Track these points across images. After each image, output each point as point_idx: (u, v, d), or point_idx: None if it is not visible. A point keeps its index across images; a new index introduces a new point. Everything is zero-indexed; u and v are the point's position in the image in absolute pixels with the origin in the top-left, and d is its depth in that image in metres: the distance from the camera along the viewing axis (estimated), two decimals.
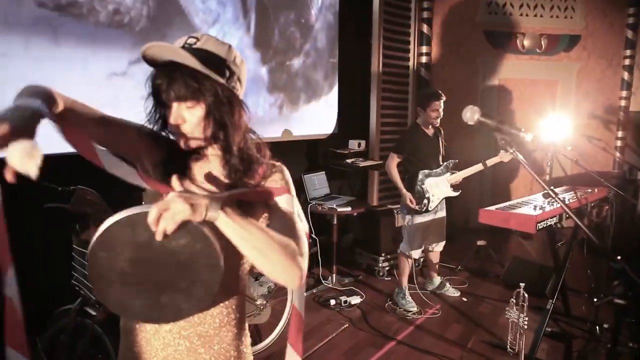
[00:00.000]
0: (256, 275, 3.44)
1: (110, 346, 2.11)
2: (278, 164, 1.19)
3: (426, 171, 3.53)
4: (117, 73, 2.90)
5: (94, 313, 2.12)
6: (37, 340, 2.20)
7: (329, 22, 4.69)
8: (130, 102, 3.01)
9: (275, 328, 3.01)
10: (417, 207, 3.51)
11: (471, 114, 1.43)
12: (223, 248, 0.91)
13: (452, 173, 3.58)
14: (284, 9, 4.19)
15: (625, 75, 5.67)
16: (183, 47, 1.01)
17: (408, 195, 3.52)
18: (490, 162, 3.51)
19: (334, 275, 4.04)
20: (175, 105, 1.01)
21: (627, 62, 5.66)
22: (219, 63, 1.03)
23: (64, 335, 2.16)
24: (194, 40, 1.04)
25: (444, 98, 3.50)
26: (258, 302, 2.83)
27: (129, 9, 2.90)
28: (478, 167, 3.54)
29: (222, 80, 1.01)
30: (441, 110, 3.52)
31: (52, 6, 2.51)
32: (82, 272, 2.12)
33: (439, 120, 3.55)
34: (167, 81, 1.00)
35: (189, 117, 1.02)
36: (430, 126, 3.58)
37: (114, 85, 2.87)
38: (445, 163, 3.62)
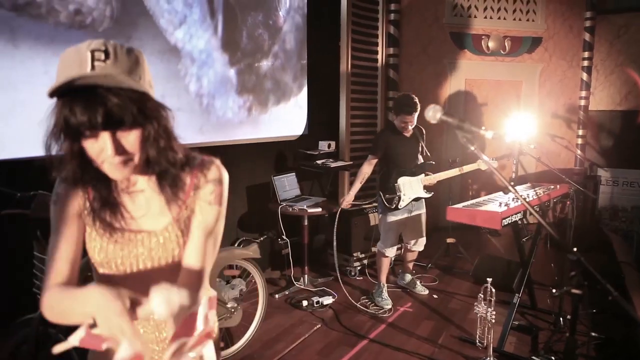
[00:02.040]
0: (227, 279, 3.42)
1: (76, 356, 2.05)
2: (213, 162, 1.11)
3: (401, 169, 3.57)
4: None
5: None
6: None
7: (298, 24, 4.70)
8: None
9: (247, 331, 2.99)
10: (349, 206, 3.64)
11: (433, 113, 1.45)
12: None
13: (427, 175, 3.61)
14: (251, 11, 4.17)
15: (584, 75, 5.88)
16: (92, 65, 0.86)
17: (346, 199, 3.73)
18: (467, 168, 3.57)
19: (306, 276, 4.05)
20: (105, 135, 0.88)
21: (585, 63, 5.86)
22: (136, 70, 0.92)
23: (26, 345, 2.09)
24: (102, 53, 0.87)
25: (417, 112, 3.45)
26: (229, 305, 2.80)
27: (91, 9, 2.84)
28: (454, 171, 3.59)
29: (142, 89, 0.91)
30: (412, 122, 3.50)
31: (8, 6, 2.43)
32: (43, 279, 2.06)
33: (410, 129, 3.55)
34: (89, 108, 0.84)
35: (126, 144, 0.91)
36: (404, 130, 3.58)
37: None
38: (420, 164, 3.67)
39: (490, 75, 6.03)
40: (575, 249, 1.28)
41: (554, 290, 1.47)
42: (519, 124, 4.24)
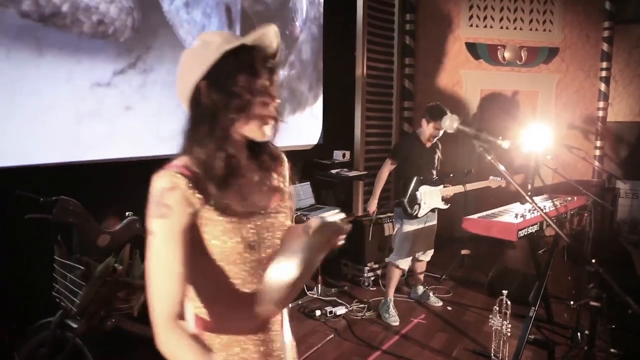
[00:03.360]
0: None
1: (92, 359, 2.08)
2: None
3: (422, 177, 3.58)
4: (100, 84, 2.89)
5: (74, 326, 2.09)
6: (14, 354, 2.16)
7: (314, 34, 4.75)
8: (113, 112, 3.01)
9: None
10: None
11: (450, 122, 1.46)
12: None
13: (446, 186, 3.64)
14: (268, 21, 4.21)
15: (602, 86, 5.82)
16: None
17: (372, 205, 3.75)
18: (479, 185, 3.76)
19: (320, 285, 4.04)
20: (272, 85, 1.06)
21: (603, 73, 5.81)
22: None
23: (43, 348, 2.12)
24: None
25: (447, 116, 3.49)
26: None
27: (113, 20, 2.91)
28: (483, 183, 3.65)
29: None
30: (441, 132, 3.54)
31: (36, 17, 2.50)
32: (63, 283, 2.10)
33: (435, 139, 3.60)
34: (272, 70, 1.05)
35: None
36: (428, 139, 3.61)
37: (97, 96, 2.86)
38: (440, 175, 3.69)
39: (506, 86, 6.00)
40: (594, 260, 1.27)
41: (571, 303, 1.45)
42: (535, 135, 4.21)
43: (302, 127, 4.65)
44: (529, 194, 1.43)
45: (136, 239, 2.22)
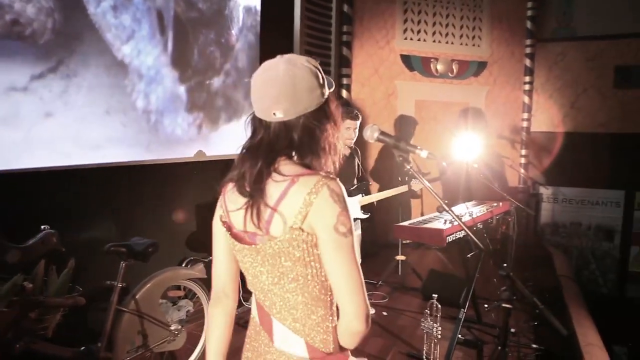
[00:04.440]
0: (174, 300, 3.32)
1: None
2: None
3: None
4: (16, 88, 2.71)
5: None
6: None
7: (250, 43, 4.72)
8: (31, 119, 2.83)
9: (192, 354, 2.90)
10: None
11: (371, 132, 1.49)
12: None
13: (364, 195, 3.67)
14: (203, 28, 4.16)
15: (526, 99, 6.20)
16: None
17: None
18: (394, 191, 3.79)
19: None
20: None
21: (527, 87, 6.20)
22: None
23: None
24: None
25: (359, 119, 3.58)
26: (173, 328, 2.71)
27: (30, 20, 2.74)
28: (401, 189, 3.69)
29: None
30: (355, 130, 3.58)
31: None
32: None
33: (351, 141, 3.61)
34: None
35: None
36: (345, 145, 3.64)
37: (12, 101, 2.67)
38: (357, 184, 3.71)
39: (438, 97, 6.25)
40: (505, 265, 1.32)
41: (486, 306, 1.51)
42: (466, 144, 4.41)
43: (238, 135, 4.58)
44: (446, 202, 1.49)
45: (52, 253, 2.09)
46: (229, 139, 4.47)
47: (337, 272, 1.07)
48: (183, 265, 3.79)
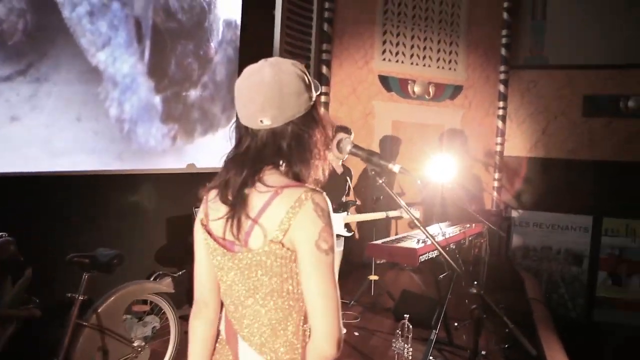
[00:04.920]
0: (139, 316, 3.20)
1: None
2: None
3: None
4: None
5: None
6: None
7: (229, 56, 4.70)
8: None
9: None
10: None
11: (344, 146, 1.47)
12: None
13: (348, 214, 3.67)
14: (181, 39, 4.12)
15: (500, 123, 6.33)
16: None
17: None
18: (391, 214, 3.74)
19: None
20: None
21: (500, 112, 6.34)
22: None
23: None
24: None
25: (352, 134, 3.53)
26: (135, 344, 2.60)
27: (0, 20, 2.66)
28: (379, 215, 3.70)
29: None
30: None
31: None
32: None
33: (345, 155, 3.61)
34: None
35: None
36: (339, 162, 3.62)
37: None
38: (344, 202, 3.71)
39: (415, 118, 6.32)
40: (475, 282, 1.31)
41: (455, 324, 1.50)
42: (441, 166, 4.45)
43: (213, 149, 4.53)
44: (419, 219, 1.48)
45: (8, 262, 1.98)
46: (204, 152, 4.40)
47: (314, 290, 1.03)
48: (151, 279, 3.67)
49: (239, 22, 4.77)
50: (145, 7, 3.73)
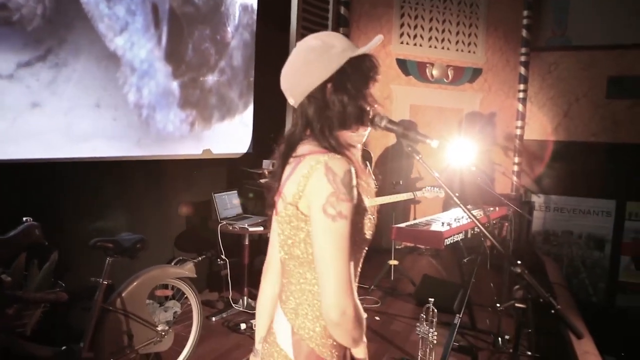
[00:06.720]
0: (160, 300, 3.21)
1: None
2: None
3: None
4: (1, 75, 2.60)
5: None
6: None
7: (246, 41, 4.65)
8: (17, 109, 2.71)
9: (179, 356, 2.79)
10: None
11: (378, 121, 1.41)
12: None
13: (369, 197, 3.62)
14: (198, 24, 4.07)
15: (520, 106, 6.20)
16: None
17: None
18: (418, 194, 3.78)
19: (245, 298, 3.88)
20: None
21: (521, 95, 6.19)
22: None
23: None
24: None
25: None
26: (159, 328, 2.60)
27: (19, 5, 2.64)
28: (406, 195, 3.68)
29: None
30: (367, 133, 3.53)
31: None
32: None
33: (364, 139, 3.57)
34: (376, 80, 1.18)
35: None
36: (358, 146, 3.57)
37: None
38: None
39: (433, 102, 6.22)
40: (519, 262, 1.26)
41: (498, 305, 1.45)
42: (459, 150, 4.36)
43: (231, 134, 4.50)
44: (457, 194, 1.42)
45: (34, 246, 1.98)
46: (222, 138, 4.38)
47: (319, 256, 1.02)
48: (172, 264, 3.68)
49: (255, 6, 4.70)
50: None
